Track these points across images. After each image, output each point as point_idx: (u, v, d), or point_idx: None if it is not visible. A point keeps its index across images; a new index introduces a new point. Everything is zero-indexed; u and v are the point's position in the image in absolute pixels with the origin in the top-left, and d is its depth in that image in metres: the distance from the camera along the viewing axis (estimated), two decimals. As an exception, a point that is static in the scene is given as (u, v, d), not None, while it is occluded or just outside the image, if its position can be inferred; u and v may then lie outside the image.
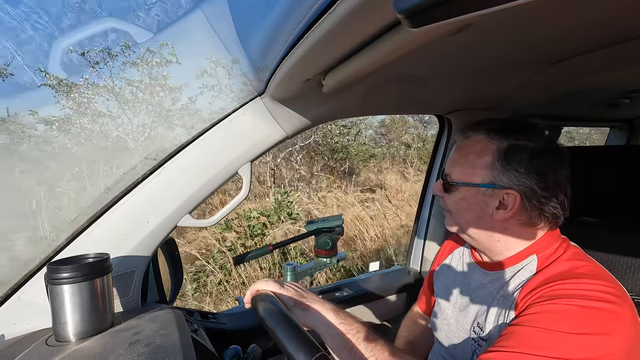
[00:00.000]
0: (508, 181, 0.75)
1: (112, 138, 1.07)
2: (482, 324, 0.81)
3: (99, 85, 1.11)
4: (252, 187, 7.18)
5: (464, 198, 0.81)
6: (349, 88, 0.88)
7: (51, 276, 0.70)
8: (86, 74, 1.09)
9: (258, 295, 0.75)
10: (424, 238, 1.71)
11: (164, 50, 0.93)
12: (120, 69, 1.00)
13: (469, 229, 0.84)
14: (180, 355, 0.64)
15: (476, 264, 0.92)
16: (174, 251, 1.19)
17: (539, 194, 0.75)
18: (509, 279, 0.80)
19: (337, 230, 1.38)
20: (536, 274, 0.75)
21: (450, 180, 0.84)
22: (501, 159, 0.76)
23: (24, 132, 1.08)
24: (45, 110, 1.15)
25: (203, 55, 0.94)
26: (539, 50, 0.75)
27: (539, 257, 0.78)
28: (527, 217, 0.77)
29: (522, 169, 0.74)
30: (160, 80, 1.00)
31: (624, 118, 2.15)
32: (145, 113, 1.04)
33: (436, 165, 1.66)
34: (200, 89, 0.96)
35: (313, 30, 0.49)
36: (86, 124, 1.12)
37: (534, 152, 0.75)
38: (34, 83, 1.01)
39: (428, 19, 0.28)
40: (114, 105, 1.13)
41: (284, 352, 0.63)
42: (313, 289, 1.54)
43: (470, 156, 0.80)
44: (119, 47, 0.94)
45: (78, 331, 0.72)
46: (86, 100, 1.16)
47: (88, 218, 0.86)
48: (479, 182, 0.78)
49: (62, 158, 1.05)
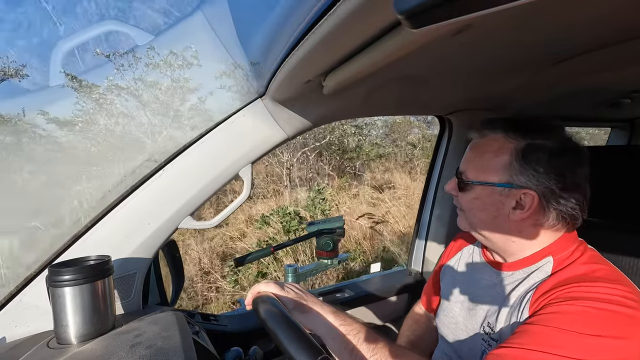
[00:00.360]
0: (526, 181, 0.73)
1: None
2: (492, 323, 0.79)
3: (121, 86, 1.12)
4: (267, 186, 7.29)
5: (478, 197, 0.80)
6: (349, 89, 0.88)
7: (52, 278, 0.70)
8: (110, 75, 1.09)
9: (259, 297, 0.75)
10: (425, 239, 1.71)
11: (187, 52, 0.94)
12: (143, 71, 1.00)
13: (482, 229, 0.82)
14: (182, 357, 0.64)
15: (488, 264, 0.90)
16: (175, 253, 1.18)
17: (557, 195, 0.73)
18: (523, 279, 0.78)
19: (338, 231, 1.38)
20: (551, 276, 0.73)
21: (465, 179, 0.82)
22: (519, 158, 0.74)
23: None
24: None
25: (204, 57, 0.95)
26: (540, 50, 0.75)
27: (555, 259, 0.76)
28: (545, 219, 0.75)
29: (540, 169, 0.73)
30: (180, 82, 1.00)
31: (625, 118, 2.15)
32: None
33: (437, 165, 1.66)
34: (200, 90, 0.96)
35: (313, 32, 0.49)
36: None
37: (553, 151, 0.73)
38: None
39: (428, 20, 0.28)
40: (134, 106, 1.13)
41: (286, 354, 0.62)
42: (314, 290, 1.53)
43: (487, 155, 0.79)
44: (144, 50, 0.94)
45: (79, 334, 0.72)
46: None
47: (89, 220, 0.86)
48: (495, 182, 0.77)
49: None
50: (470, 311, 0.88)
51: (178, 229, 0.94)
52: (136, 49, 0.96)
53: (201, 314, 1.25)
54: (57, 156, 1.03)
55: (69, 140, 1.08)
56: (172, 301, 1.14)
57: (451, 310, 0.96)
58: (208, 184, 0.92)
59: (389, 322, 1.63)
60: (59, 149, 1.07)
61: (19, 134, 1.10)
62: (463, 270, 1.00)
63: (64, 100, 1.03)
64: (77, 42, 0.94)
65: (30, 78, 1.01)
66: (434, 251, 1.68)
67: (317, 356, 0.59)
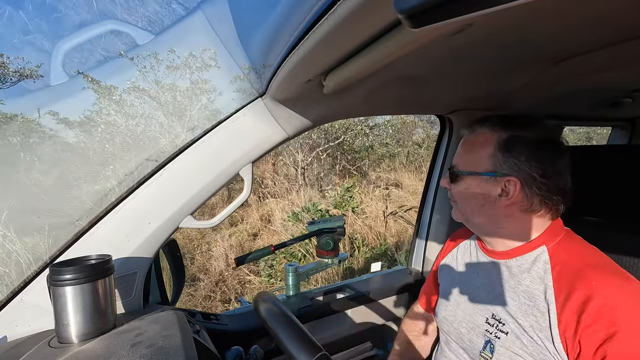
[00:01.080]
0: (508, 169, 0.80)
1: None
2: (498, 315, 0.83)
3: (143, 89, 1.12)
4: (278, 184, 7.36)
5: (468, 187, 0.86)
6: (350, 89, 0.88)
7: (54, 278, 0.71)
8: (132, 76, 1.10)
9: (260, 296, 0.76)
10: (425, 238, 1.71)
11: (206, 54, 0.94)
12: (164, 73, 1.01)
13: (474, 217, 0.88)
14: (183, 357, 0.64)
15: (484, 254, 0.94)
16: (176, 252, 1.19)
17: (538, 181, 0.79)
18: (524, 270, 0.82)
19: (339, 230, 1.38)
20: (554, 267, 0.77)
21: (456, 171, 0.89)
22: (501, 149, 0.81)
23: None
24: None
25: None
26: (541, 50, 0.75)
27: (548, 247, 0.81)
28: (529, 204, 0.81)
29: (522, 157, 0.79)
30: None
31: (626, 117, 2.15)
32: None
33: (437, 165, 1.66)
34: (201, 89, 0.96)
35: (314, 31, 0.49)
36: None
37: (533, 142, 0.80)
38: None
39: (429, 19, 0.28)
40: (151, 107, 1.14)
41: (286, 352, 0.63)
42: (316, 289, 1.54)
43: (475, 147, 0.86)
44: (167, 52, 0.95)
45: (80, 333, 0.72)
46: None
47: (90, 220, 0.86)
48: (481, 171, 0.83)
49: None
50: (471, 303, 0.91)
51: (184, 229, 0.94)
52: (137, 49, 0.96)
53: (202, 313, 1.25)
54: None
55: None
56: (173, 300, 1.14)
57: (451, 304, 0.98)
58: (209, 183, 0.93)
59: (389, 321, 1.64)
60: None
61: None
62: (461, 264, 1.02)
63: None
64: (76, 43, 0.94)
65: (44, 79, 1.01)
66: (434, 251, 1.68)
67: (316, 354, 0.59)
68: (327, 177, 8.05)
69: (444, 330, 1.00)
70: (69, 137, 1.28)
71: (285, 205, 6.18)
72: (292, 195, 6.77)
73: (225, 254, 4.77)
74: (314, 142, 7.99)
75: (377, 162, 9.07)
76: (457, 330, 0.93)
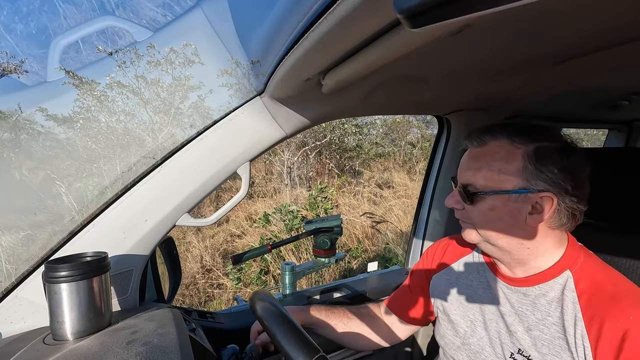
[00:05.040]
0: (544, 184, 0.72)
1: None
2: (526, 351, 0.76)
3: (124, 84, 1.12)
4: (268, 183, 7.34)
5: (493, 208, 0.76)
6: (348, 88, 0.88)
7: (49, 274, 0.70)
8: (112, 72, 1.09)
9: (256, 294, 0.75)
10: (422, 239, 1.71)
11: (187, 50, 0.94)
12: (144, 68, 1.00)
13: (498, 240, 0.78)
14: (178, 355, 0.64)
15: (500, 280, 0.86)
16: (173, 250, 1.18)
17: (571, 194, 0.72)
18: (551, 300, 0.76)
19: (336, 230, 1.38)
20: (580, 295, 0.72)
21: (474, 190, 0.77)
22: (533, 162, 0.72)
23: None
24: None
25: (203, 55, 0.94)
26: (539, 51, 0.75)
27: (572, 271, 0.75)
28: (559, 220, 0.74)
29: (555, 170, 0.72)
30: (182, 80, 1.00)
31: (622, 120, 2.16)
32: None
33: (435, 165, 1.66)
34: (199, 87, 0.95)
35: (313, 30, 0.49)
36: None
37: (560, 151, 0.73)
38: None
39: (428, 20, 0.28)
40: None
41: (282, 352, 0.62)
42: (312, 288, 1.54)
43: (496, 163, 0.75)
44: (144, 47, 0.94)
45: (76, 330, 0.71)
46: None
47: (86, 217, 0.86)
48: (510, 189, 0.74)
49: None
50: (489, 334, 0.85)
51: (176, 227, 0.94)
52: (136, 46, 0.96)
53: (198, 311, 1.25)
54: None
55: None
56: (169, 298, 1.14)
57: (461, 330, 0.92)
58: (206, 181, 0.92)
59: None
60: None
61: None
62: (467, 286, 0.94)
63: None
64: (74, 38, 0.93)
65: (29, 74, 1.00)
66: (431, 251, 1.69)
67: (314, 355, 0.59)
68: (321, 177, 8.02)
69: (448, 354, 0.95)
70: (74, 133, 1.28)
71: (271, 204, 6.12)
72: (278, 195, 6.73)
73: (200, 256, 4.72)
74: (300, 141, 7.93)
75: (367, 162, 8.95)
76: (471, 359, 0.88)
